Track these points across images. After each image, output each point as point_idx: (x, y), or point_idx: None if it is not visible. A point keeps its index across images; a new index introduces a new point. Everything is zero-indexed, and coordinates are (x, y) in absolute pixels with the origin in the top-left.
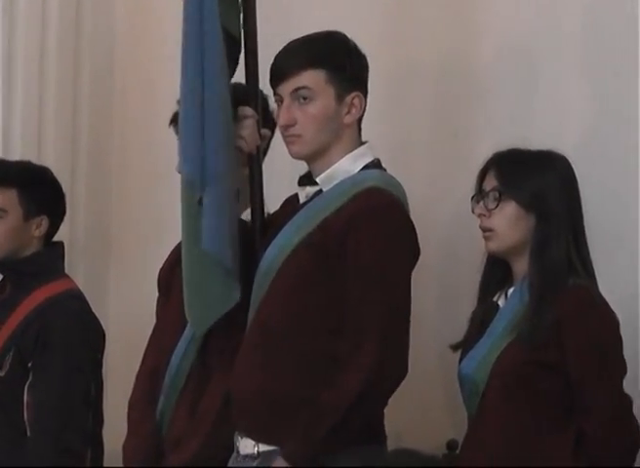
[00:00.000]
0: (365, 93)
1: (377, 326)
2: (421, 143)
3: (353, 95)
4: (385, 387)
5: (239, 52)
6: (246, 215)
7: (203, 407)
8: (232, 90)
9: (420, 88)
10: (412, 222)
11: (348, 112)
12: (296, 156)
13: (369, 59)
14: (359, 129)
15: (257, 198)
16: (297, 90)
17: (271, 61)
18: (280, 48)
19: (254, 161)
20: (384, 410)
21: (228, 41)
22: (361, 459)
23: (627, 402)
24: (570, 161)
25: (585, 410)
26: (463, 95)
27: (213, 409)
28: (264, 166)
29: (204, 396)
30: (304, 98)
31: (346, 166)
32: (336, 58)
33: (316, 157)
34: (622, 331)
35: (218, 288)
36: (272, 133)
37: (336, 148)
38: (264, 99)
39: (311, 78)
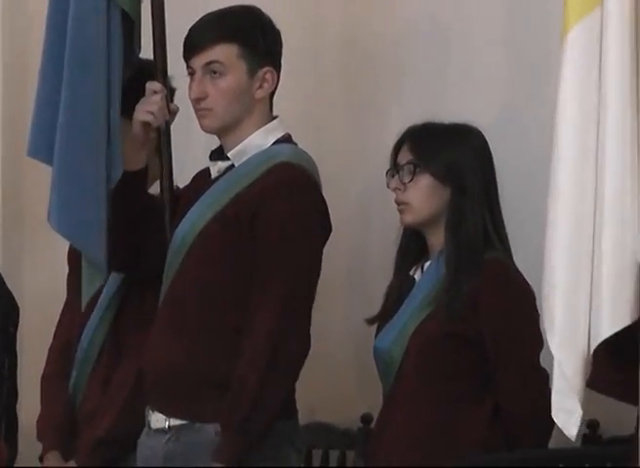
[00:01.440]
0: (278, 68)
1: (278, 299)
2: (333, 117)
3: (265, 70)
4: (287, 361)
5: (138, 30)
6: (154, 189)
7: (116, 382)
8: (141, 65)
9: (330, 62)
10: (323, 197)
11: (260, 87)
12: (206, 130)
13: (282, 33)
14: (271, 104)
15: (166, 172)
16: (208, 64)
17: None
18: (189, 22)
19: (162, 135)
20: (298, 385)
21: (125, 19)
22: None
23: (543, 376)
24: (483, 133)
25: (501, 383)
26: (376, 69)
27: (126, 384)
28: (179, 140)
29: (117, 371)
30: (215, 73)
31: (258, 140)
32: (248, 33)
33: (227, 131)
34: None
35: (88, 266)
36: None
37: (247, 123)
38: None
39: (223, 52)
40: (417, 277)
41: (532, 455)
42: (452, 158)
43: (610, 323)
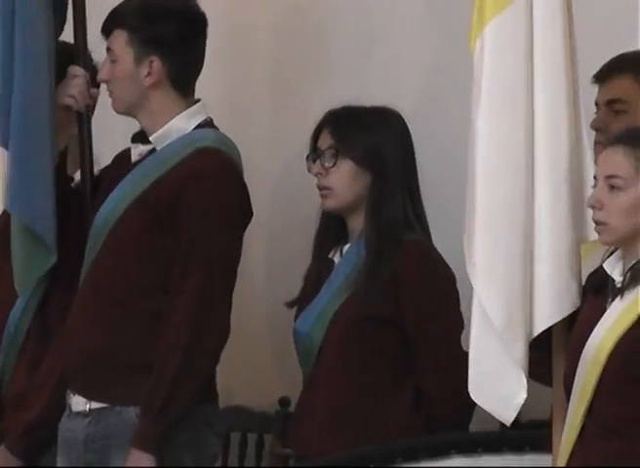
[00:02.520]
0: (167, 55)
1: (197, 285)
2: (257, 102)
3: (151, 58)
4: (206, 346)
5: (65, 9)
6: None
7: (46, 366)
8: (61, 49)
9: (255, 46)
10: (244, 182)
11: (148, 74)
12: (116, 111)
13: (208, 18)
14: (179, 89)
15: (86, 156)
16: (107, 50)
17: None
18: (111, 4)
19: (83, 120)
20: (216, 369)
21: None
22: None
23: (464, 358)
24: (405, 118)
25: (422, 366)
26: (300, 53)
27: (56, 368)
28: (98, 123)
29: (46, 355)
30: (112, 60)
31: (180, 124)
32: (135, 20)
33: (135, 115)
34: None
35: (32, 249)
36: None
37: (146, 109)
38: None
39: (115, 39)
40: (336, 260)
41: (451, 439)
42: (372, 142)
43: (553, 309)
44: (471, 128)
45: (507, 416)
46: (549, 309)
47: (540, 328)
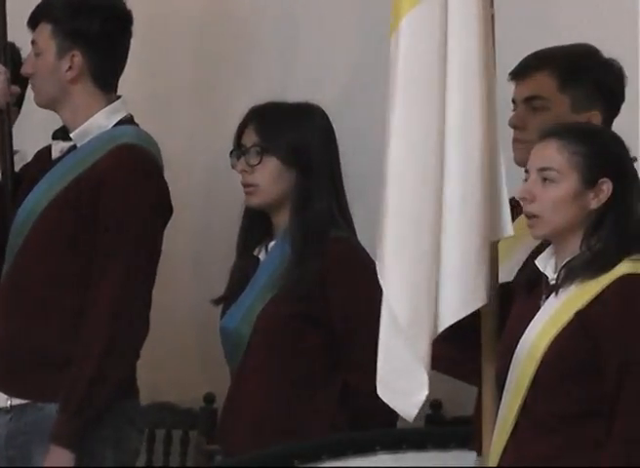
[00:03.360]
0: (89, 49)
1: (117, 282)
2: (180, 97)
3: (73, 52)
4: (125, 342)
5: None
6: None
7: None
8: None
9: (180, 42)
10: (164, 179)
11: (70, 69)
12: (37, 105)
13: (132, 12)
14: (100, 85)
15: (6, 153)
16: (32, 43)
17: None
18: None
19: (3, 117)
20: (141, 365)
21: None
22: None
23: None
24: (327, 113)
25: (349, 363)
26: (223, 48)
27: None
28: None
29: None
30: (36, 53)
31: (100, 121)
32: (60, 13)
33: (55, 109)
34: None
35: None
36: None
37: (67, 104)
38: (18, 54)
39: (40, 32)
40: (261, 257)
41: (376, 435)
42: (297, 140)
43: (459, 306)
44: (387, 124)
45: (410, 413)
46: (455, 306)
47: (444, 324)
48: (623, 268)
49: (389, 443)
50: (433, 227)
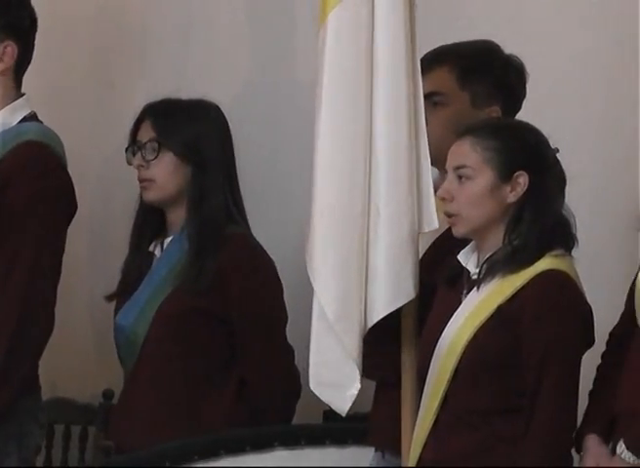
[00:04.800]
0: (23, 43)
1: (20, 283)
2: (79, 95)
3: (5, 44)
4: (29, 340)
5: None
6: None
7: None
8: None
9: (76, 40)
10: (68, 175)
11: (0, 60)
12: None
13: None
14: (16, 80)
15: None
16: None
17: None
18: None
19: None
20: (40, 361)
21: None
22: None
23: (288, 350)
24: (223, 110)
25: (247, 358)
26: (120, 46)
27: None
28: None
29: None
30: None
31: (5, 118)
32: None
33: None
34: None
35: None
36: None
37: None
38: None
39: None
40: (157, 253)
41: (274, 431)
42: (193, 135)
43: (387, 300)
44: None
45: (342, 407)
46: (383, 300)
47: (374, 319)
48: (544, 264)
49: (288, 438)
50: (362, 222)
